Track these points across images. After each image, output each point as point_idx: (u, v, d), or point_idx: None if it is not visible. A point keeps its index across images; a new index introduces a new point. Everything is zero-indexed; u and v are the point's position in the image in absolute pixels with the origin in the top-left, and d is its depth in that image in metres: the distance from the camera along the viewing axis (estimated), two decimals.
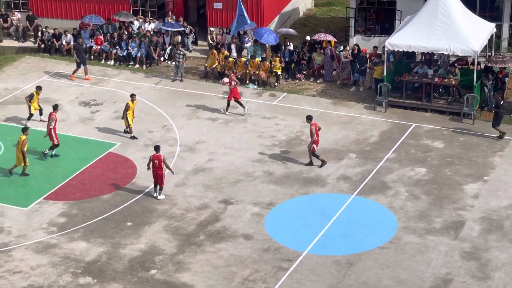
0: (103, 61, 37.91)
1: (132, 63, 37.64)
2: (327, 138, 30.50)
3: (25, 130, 28.24)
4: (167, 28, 38.16)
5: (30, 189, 27.43)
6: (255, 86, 35.14)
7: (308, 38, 37.08)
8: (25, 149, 27.81)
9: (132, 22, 39.01)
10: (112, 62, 37.83)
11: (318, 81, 35.69)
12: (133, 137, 30.52)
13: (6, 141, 30.26)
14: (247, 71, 35.27)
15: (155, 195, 26.71)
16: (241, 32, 37.38)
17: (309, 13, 44.40)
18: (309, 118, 28.62)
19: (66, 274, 23.08)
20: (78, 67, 35.83)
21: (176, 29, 38.02)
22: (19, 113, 32.76)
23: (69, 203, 26.63)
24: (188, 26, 38.96)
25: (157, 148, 26.55)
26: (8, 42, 40.17)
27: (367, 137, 30.66)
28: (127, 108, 30.28)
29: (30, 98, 31.31)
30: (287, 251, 23.95)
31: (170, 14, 38.91)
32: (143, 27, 38.80)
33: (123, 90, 34.85)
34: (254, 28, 37.34)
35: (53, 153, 29.24)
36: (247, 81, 35.28)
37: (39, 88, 31.74)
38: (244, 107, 32.46)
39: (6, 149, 29.80)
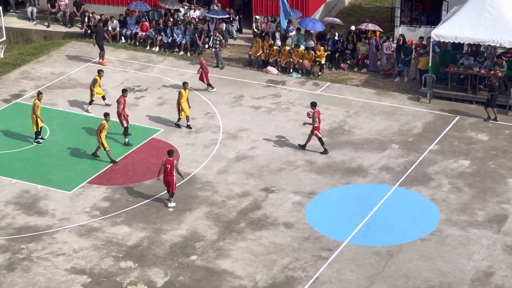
0: (148, 48, 38.13)
1: (177, 50, 37.80)
2: (370, 128, 30.38)
3: (106, 115, 28.14)
4: (212, 16, 38.23)
5: (74, 173, 27.75)
6: (299, 75, 35.09)
7: (353, 27, 36.89)
8: (101, 134, 27.71)
9: (178, 9, 39.15)
10: (157, 49, 38.03)
11: (362, 71, 35.51)
12: (188, 126, 30.40)
13: (52, 125, 30.61)
14: (291, 59, 35.23)
15: (169, 204, 25.84)
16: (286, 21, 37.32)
17: (355, 3, 44.15)
18: (313, 105, 28.67)
19: (108, 258, 23.34)
20: (102, 49, 36.05)
21: (221, 17, 38.09)
22: (65, 98, 33.12)
23: (112, 187, 26.90)
24: (233, 13, 38.99)
25: (170, 153, 25.68)
26: (55, 27, 40.59)
27: (410, 128, 30.46)
28: (180, 97, 30.29)
29: (93, 83, 31.42)
30: (327, 240, 23.95)
31: (216, 1, 38.96)
32: (188, 14, 38.92)
33: (167, 77, 35.04)
34: (299, 18, 37.26)
35: (126, 140, 29.27)
36: (291, 70, 35.24)
37: (101, 71, 31.88)
38: (212, 87, 33.36)
39: (52, 132, 30.16)
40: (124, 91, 29.84)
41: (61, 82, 34.71)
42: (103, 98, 31.95)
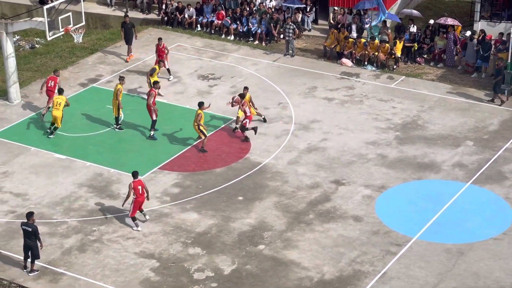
0: (223, 36, 38.27)
1: (252, 39, 37.84)
2: (444, 124, 29.94)
3: (201, 104, 28.18)
4: (288, 5, 38.14)
5: (146, 158, 28.05)
6: (373, 68, 34.76)
7: (431, 21, 36.34)
8: (201, 122, 27.85)
9: None
10: (232, 37, 38.14)
11: (438, 65, 34.99)
12: (264, 120, 30.26)
13: (126, 110, 30.92)
14: (366, 52, 34.92)
15: (146, 217, 24.63)
16: (362, 13, 37.03)
17: None
18: (241, 96, 29.11)
19: (177, 243, 23.55)
20: (127, 43, 35.56)
21: (297, 6, 37.97)
22: (140, 83, 33.47)
23: (183, 174, 27.11)
24: (310, 4, 38.79)
25: (135, 175, 24.23)
26: (133, 14, 41.03)
27: (486, 125, 29.89)
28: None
29: (151, 72, 31.54)
30: (397, 235, 23.71)
31: None
32: (264, 4, 38.91)
33: (242, 66, 35.10)
34: (375, 9, 36.87)
35: (152, 133, 28.99)
36: (366, 63, 34.95)
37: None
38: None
39: (126, 117, 30.49)
40: (155, 83, 29.56)
41: (136, 68, 35.08)
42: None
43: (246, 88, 30.08)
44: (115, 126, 29.80)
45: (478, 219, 24.42)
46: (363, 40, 35.34)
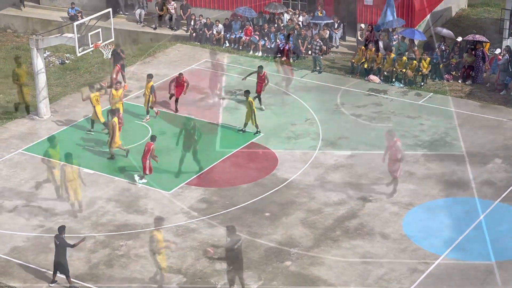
0: (251, 52, 38.40)
1: (280, 55, 37.92)
2: (472, 141, 29.78)
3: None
4: (316, 21, 38.20)
5: (173, 174, 28.15)
6: (401, 85, 34.69)
7: (460, 39, 36.23)
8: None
9: (282, 14, 39.28)
10: (260, 53, 38.26)
11: (466, 82, 34.84)
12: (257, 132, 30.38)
13: (153, 127, 31.08)
14: (394, 69, 34.87)
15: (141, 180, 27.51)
16: (390, 30, 37.01)
17: (462, 13, 43.34)
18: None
19: (204, 259, 23.58)
20: (122, 69, 34.92)
21: (325, 22, 38.03)
22: (168, 99, 33.59)
23: (210, 189, 27.18)
24: (337, 21, 38.84)
25: (153, 138, 27.47)
26: (161, 30, 41.37)
27: None
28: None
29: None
30: (424, 253, 23.58)
31: (320, 8, 38.92)
32: (292, 19, 38.99)
33: (269, 82, 35.11)
34: (403, 27, 36.85)
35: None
36: (393, 79, 34.88)
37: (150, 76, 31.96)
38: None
39: (153, 133, 30.58)
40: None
41: (164, 84, 35.22)
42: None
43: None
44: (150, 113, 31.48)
45: (508, 237, 24.23)
46: (392, 55, 35.28)
